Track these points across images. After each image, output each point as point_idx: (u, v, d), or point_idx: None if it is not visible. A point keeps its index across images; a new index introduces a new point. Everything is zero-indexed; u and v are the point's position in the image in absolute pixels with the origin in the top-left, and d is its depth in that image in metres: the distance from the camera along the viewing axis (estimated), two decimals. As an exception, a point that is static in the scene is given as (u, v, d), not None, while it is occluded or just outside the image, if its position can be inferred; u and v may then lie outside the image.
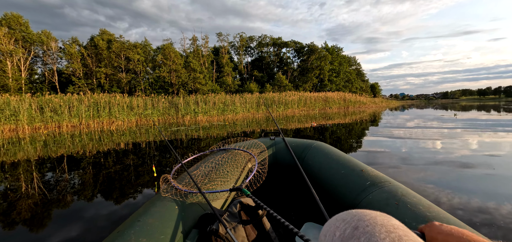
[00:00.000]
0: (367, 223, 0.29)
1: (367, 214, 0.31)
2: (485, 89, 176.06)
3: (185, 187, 1.20)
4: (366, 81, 45.65)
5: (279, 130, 2.08)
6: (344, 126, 8.49)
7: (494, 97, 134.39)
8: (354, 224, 0.29)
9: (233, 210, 1.04)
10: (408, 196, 0.95)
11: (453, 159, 3.40)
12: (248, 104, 15.56)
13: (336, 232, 0.30)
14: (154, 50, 23.39)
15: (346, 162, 1.41)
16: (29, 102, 11.51)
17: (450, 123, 8.01)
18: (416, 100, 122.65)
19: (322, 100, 21.14)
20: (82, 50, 20.35)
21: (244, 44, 32.64)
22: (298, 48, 33.16)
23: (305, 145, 1.82)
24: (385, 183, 1.09)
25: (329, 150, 1.65)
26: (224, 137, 6.30)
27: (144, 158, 4.12)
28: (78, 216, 2.01)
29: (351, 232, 0.29)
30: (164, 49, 21.26)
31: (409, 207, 0.88)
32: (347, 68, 37.96)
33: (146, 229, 0.86)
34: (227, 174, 1.42)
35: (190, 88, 22.24)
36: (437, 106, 24.15)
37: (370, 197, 1.04)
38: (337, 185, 1.28)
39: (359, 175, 1.21)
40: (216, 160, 1.56)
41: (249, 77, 31.84)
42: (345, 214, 0.33)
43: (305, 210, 1.71)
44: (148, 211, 0.98)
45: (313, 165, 1.58)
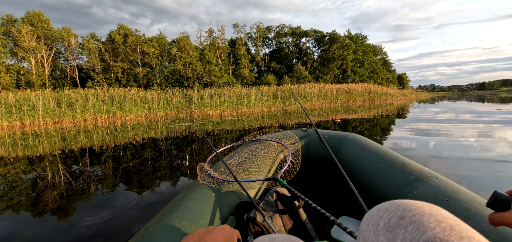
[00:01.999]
0: (414, 212, 0.27)
1: (413, 204, 0.29)
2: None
3: (221, 175, 1.23)
4: (393, 71, 42.38)
5: (311, 121, 2.04)
6: (368, 120, 7.41)
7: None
8: (399, 213, 0.28)
9: (269, 199, 1.04)
10: (460, 192, 0.86)
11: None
12: (264, 97, 14.55)
13: (380, 222, 0.29)
14: (169, 44, 23.06)
15: (385, 155, 1.31)
16: (48, 97, 11.57)
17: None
18: (448, 92, 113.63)
19: (345, 93, 19.53)
20: (100, 45, 20.55)
21: (262, 35, 31.46)
22: (319, 37, 31.26)
23: (339, 137, 1.77)
24: (431, 177, 1.00)
25: (365, 142, 1.58)
26: (225, 137, 5.44)
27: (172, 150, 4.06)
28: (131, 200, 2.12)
29: (397, 221, 0.27)
30: (179, 42, 20.84)
31: (462, 204, 0.80)
32: (372, 57, 35.27)
33: (188, 213, 0.91)
34: (261, 164, 1.43)
35: (205, 81, 21.74)
36: (472, 99, 21.65)
37: (414, 192, 0.96)
38: (376, 179, 1.20)
39: (401, 169, 1.13)
40: (249, 150, 1.58)
41: (266, 69, 30.72)
42: (388, 204, 0.31)
43: (340, 204, 1.63)
44: (188, 197, 1.02)
45: (348, 158, 1.53)
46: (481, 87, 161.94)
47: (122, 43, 20.44)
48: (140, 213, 1.86)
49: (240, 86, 17.28)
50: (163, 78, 21.52)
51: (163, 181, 2.61)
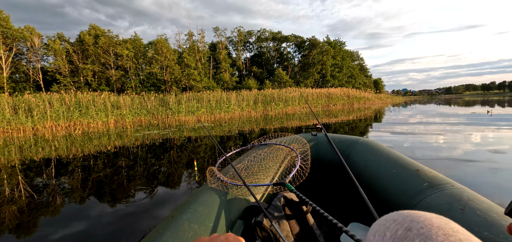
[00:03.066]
0: (422, 224, 0.26)
1: (421, 215, 0.28)
2: (489, 84, 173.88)
3: (230, 179, 1.23)
4: (369, 77, 44.19)
5: (321, 125, 2.02)
6: (348, 123, 7.63)
7: (498, 92, 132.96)
8: (406, 225, 0.27)
9: (277, 204, 1.03)
10: (476, 200, 0.82)
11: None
12: (245, 102, 14.21)
13: (387, 233, 0.28)
14: (146, 46, 22.00)
15: (397, 160, 1.27)
16: (4, 102, 10.27)
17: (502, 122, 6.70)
18: (419, 96, 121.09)
19: (325, 97, 19.80)
20: (68, 46, 19.05)
21: (243, 39, 31.26)
22: (299, 42, 31.71)
23: (349, 141, 1.72)
24: (446, 184, 0.96)
25: (377, 147, 1.52)
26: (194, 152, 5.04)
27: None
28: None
29: (404, 233, 0.26)
30: (155, 44, 19.93)
31: (478, 214, 0.76)
32: (350, 63, 36.47)
33: (197, 216, 0.92)
34: (269, 168, 1.44)
35: (184, 86, 20.96)
36: (440, 102, 23.65)
37: (428, 200, 0.92)
38: (387, 185, 1.16)
39: (414, 175, 1.09)
40: (258, 154, 1.56)
41: (248, 74, 30.49)
42: (395, 214, 0.30)
43: (350, 210, 1.56)
44: (197, 200, 1.03)
45: (359, 163, 1.48)
46: (447, 92, 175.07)
47: (92, 44, 19.11)
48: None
49: (221, 91, 16.81)
50: (138, 82, 20.41)
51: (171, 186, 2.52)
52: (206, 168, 3.19)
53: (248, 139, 1.66)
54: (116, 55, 19.75)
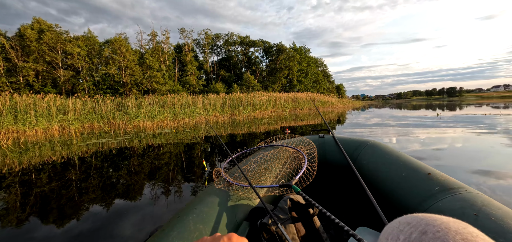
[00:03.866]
0: (438, 228, 0.25)
1: (438, 219, 0.26)
2: (431, 90, 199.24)
3: (236, 180, 1.22)
4: (332, 82, 46.94)
5: (328, 127, 2.00)
6: (314, 127, 7.89)
7: (438, 97, 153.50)
8: (421, 228, 0.26)
9: (283, 206, 1.02)
10: (491, 206, 0.78)
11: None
12: (212, 106, 13.75)
13: (400, 236, 0.27)
14: (102, 44, 20.07)
15: (408, 163, 1.24)
16: None
17: (451, 123, 7.41)
18: (375, 100, 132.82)
19: (292, 101, 20.32)
20: (3, 40, 16.39)
21: (210, 42, 30.62)
22: (267, 48, 32.23)
23: (357, 144, 1.70)
24: (458, 189, 0.92)
25: (386, 149, 1.49)
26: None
27: None
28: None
29: (419, 236, 0.25)
30: (113, 43, 18.30)
31: (493, 220, 0.72)
32: (315, 69, 38.29)
33: (202, 217, 0.92)
34: (276, 170, 1.43)
35: (145, 88, 19.60)
36: (393, 106, 26.40)
37: (439, 205, 0.89)
38: (397, 188, 1.13)
39: (424, 179, 1.06)
40: (264, 156, 1.56)
41: (215, 77, 29.91)
42: (409, 217, 0.29)
43: (358, 214, 1.51)
44: (203, 201, 1.03)
45: (367, 165, 1.46)
46: (398, 97, 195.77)
47: (36, 40, 16.74)
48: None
49: (186, 94, 16.06)
50: (92, 83, 18.46)
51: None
52: (170, 178, 2.84)
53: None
54: (66, 53, 17.61)
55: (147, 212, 2.07)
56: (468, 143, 4.38)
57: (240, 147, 2.11)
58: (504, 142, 4.26)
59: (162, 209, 2.13)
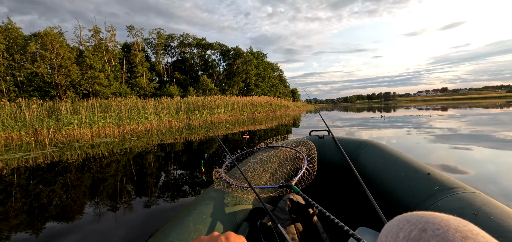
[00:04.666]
0: (438, 225, 0.25)
1: (437, 216, 0.26)
2: (372, 95, 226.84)
3: (236, 181, 1.23)
4: (287, 87, 49.12)
5: (327, 127, 2.00)
6: (272, 130, 8.02)
7: (377, 101, 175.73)
8: (421, 226, 0.26)
9: (283, 207, 1.02)
10: (490, 205, 0.79)
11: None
12: (165, 110, 12.81)
13: (400, 234, 0.27)
14: (27, 38, 16.91)
15: (407, 163, 1.24)
16: None
17: (398, 123, 8.25)
18: (325, 104, 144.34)
19: (250, 105, 20.46)
20: None
21: (163, 43, 28.82)
22: (224, 51, 31.92)
23: (357, 144, 1.71)
24: (458, 188, 0.92)
25: (386, 149, 1.50)
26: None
27: None
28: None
29: (418, 234, 0.25)
30: (42, 37, 15.60)
31: (492, 219, 0.72)
32: (271, 74, 39.52)
33: (202, 218, 0.93)
34: (276, 171, 1.46)
35: (85, 91, 17.25)
36: (341, 109, 29.28)
37: (439, 204, 0.90)
38: (397, 188, 1.14)
39: (424, 179, 1.06)
40: (264, 157, 1.56)
41: (169, 80, 28.23)
42: (409, 215, 0.29)
43: (358, 214, 1.51)
44: (204, 201, 1.03)
45: (367, 166, 1.46)
46: (345, 101, 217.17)
47: None
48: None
49: (136, 98, 14.65)
50: (13, 84, 15.37)
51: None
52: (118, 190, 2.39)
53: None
54: (-27, 46, 14.28)
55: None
56: (401, 139, 4.98)
57: (199, 154, 1.98)
58: (427, 138, 5.02)
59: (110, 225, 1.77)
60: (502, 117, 8.42)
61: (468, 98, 77.63)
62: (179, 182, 2.91)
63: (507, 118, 7.91)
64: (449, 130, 5.97)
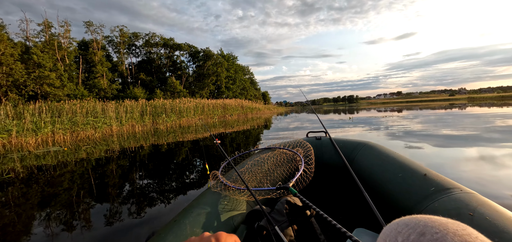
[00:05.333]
0: (437, 229, 0.25)
1: (436, 220, 0.26)
2: (337, 98, 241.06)
3: (233, 183, 1.23)
4: (258, 90, 49.64)
5: (325, 129, 2.03)
6: (244, 132, 8.01)
7: (342, 103, 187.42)
8: (419, 230, 0.26)
9: (280, 209, 1.02)
10: (486, 205, 0.80)
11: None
12: (128, 114, 11.90)
13: (398, 237, 0.27)
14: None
15: (404, 164, 1.25)
16: None
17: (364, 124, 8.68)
18: (295, 106, 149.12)
19: (221, 108, 20.15)
20: None
21: (127, 41, 26.98)
22: (193, 52, 31.03)
23: (354, 145, 1.72)
24: (454, 189, 0.93)
25: (383, 150, 1.49)
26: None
27: None
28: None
29: (417, 238, 0.25)
30: (-25, 30, 13.44)
31: (488, 220, 0.73)
32: (242, 76, 39.55)
33: (199, 221, 0.92)
34: (273, 173, 1.45)
35: (31, 92, 15.28)
36: (309, 111, 30.50)
37: (435, 205, 0.90)
38: (393, 189, 1.14)
39: (420, 180, 1.07)
40: (261, 158, 1.56)
41: (134, 81, 26.48)
42: (407, 218, 0.29)
43: (355, 215, 1.51)
44: (200, 204, 1.02)
45: (364, 167, 1.46)
46: (313, 103, 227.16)
47: None
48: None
49: (94, 100, 13.38)
50: None
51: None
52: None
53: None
54: None
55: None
56: (364, 138, 5.29)
57: (168, 161, 1.81)
58: (385, 136, 5.45)
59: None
60: (446, 117, 9.50)
61: (419, 101, 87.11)
62: (147, 192, 2.66)
63: (450, 118, 8.95)
64: (404, 129, 6.53)
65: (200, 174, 3.29)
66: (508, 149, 3.59)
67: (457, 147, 3.99)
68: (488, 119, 7.74)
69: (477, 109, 13.18)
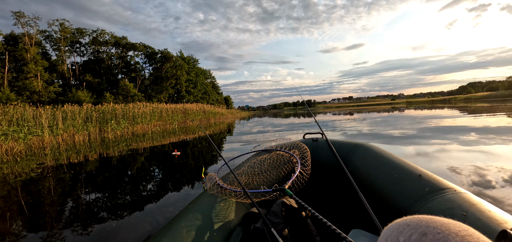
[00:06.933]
0: (439, 229, 0.25)
1: (437, 220, 0.26)
2: (297, 102, 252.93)
3: (229, 185, 1.24)
4: (220, 94, 48.97)
5: (321, 130, 2.04)
6: (206, 139, 7.65)
7: (302, 108, 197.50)
8: (421, 230, 0.26)
9: (276, 210, 1.03)
10: (478, 205, 0.81)
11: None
12: (68, 121, 10.36)
13: (400, 237, 0.27)
14: None
15: (399, 165, 1.26)
16: None
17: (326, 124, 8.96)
18: (257, 111, 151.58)
19: (181, 113, 19.17)
20: None
21: (70, 38, 23.87)
22: (150, 53, 29.08)
23: (350, 146, 1.73)
24: (447, 189, 0.95)
25: (379, 151, 1.51)
26: None
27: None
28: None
29: (419, 238, 0.25)
30: None
31: (480, 219, 0.74)
32: (204, 80, 38.54)
33: (195, 224, 0.92)
34: (269, 174, 1.46)
35: None
36: (271, 115, 31.66)
37: (429, 205, 0.91)
38: (389, 190, 1.16)
39: (415, 180, 1.09)
40: (258, 161, 1.58)
41: (78, 83, 23.52)
42: (408, 219, 0.29)
43: (351, 216, 1.52)
44: (196, 207, 1.03)
45: (360, 168, 1.48)
46: (274, 108, 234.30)
47: None
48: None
49: (23, 105, 11.33)
50: None
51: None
52: None
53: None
54: None
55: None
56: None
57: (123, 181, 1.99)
58: (342, 137, 5.71)
59: None
60: (389, 119, 10.64)
61: (367, 105, 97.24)
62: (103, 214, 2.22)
63: (391, 120, 10.05)
64: (356, 130, 7.04)
65: (169, 188, 2.94)
66: (437, 145, 4.09)
67: (398, 145, 4.40)
68: (421, 120, 8.88)
69: (413, 112, 15.12)
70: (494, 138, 4.47)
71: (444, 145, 4.15)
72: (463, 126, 6.46)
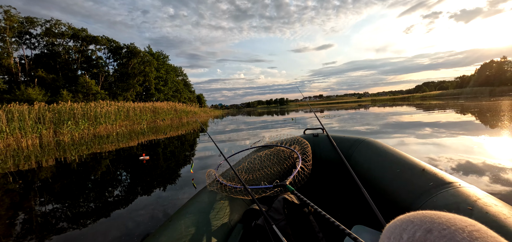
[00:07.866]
0: (444, 225, 0.24)
1: (442, 216, 0.25)
2: (270, 100, 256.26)
3: (229, 182, 1.23)
4: (193, 92, 47.55)
5: (322, 125, 2.02)
6: (178, 138, 7.52)
7: (274, 106, 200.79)
8: (425, 226, 0.25)
9: (277, 207, 1.01)
10: (485, 199, 0.79)
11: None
12: (15, 123, 9.14)
13: (404, 235, 0.26)
14: None
15: (402, 160, 1.23)
16: None
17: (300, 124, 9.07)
18: (230, 109, 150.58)
19: (151, 112, 18.18)
20: None
21: (18, 28, 21.12)
22: (114, 48, 27.05)
23: (352, 141, 1.69)
24: (452, 183, 0.92)
25: (381, 146, 1.48)
26: None
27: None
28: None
29: (423, 235, 0.24)
30: None
31: (487, 214, 0.72)
32: (175, 77, 37.04)
33: (195, 221, 0.91)
34: (270, 170, 1.44)
35: None
36: (245, 113, 31.75)
37: (434, 200, 0.89)
38: (391, 185, 1.13)
39: (419, 175, 1.06)
40: (258, 156, 1.55)
41: (28, 80, 20.98)
42: (412, 215, 0.28)
43: (353, 212, 1.45)
44: (196, 204, 1.01)
45: (362, 163, 1.45)
46: (248, 106, 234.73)
47: None
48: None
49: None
50: None
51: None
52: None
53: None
54: None
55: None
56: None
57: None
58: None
59: None
60: (356, 116, 11.31)
61: (336, 103, 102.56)
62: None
63: (358, 117, 10.70)
64: (329, 127, 7.34)
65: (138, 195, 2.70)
66: (397, 139, 4.43)
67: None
68: (384, 117, 9.58)
69: (377, 109, 16.27)
70: (444, 132, 4.98)
71: (403, 138, 4.51)
72: (419, 121, 7.10)
